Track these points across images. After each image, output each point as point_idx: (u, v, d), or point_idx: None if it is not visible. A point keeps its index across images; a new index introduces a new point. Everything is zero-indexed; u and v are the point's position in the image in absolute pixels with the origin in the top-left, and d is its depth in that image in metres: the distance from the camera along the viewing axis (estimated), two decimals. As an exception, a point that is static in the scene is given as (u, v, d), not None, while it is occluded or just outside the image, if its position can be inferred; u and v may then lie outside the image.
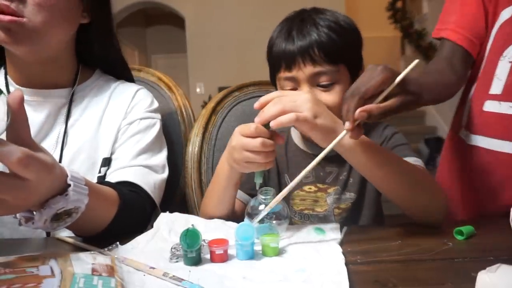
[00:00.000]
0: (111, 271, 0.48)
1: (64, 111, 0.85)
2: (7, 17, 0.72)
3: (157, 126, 0.91)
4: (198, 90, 5.65)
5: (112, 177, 0.80)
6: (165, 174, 0.88)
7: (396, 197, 0.69)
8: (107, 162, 0.84)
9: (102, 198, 0.66)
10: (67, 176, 0.55)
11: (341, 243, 0.62)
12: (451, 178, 0.96)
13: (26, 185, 0.48)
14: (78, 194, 0.56)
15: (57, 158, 0.80)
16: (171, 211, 0.75)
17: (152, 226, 0.70)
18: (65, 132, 0.83)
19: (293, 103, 0.62)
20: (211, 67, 5.50)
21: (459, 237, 0.64)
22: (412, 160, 0.78)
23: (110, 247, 0.58)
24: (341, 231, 0.67)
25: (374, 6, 6.04)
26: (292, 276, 0.51)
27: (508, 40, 0.81)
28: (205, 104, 1.28)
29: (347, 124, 0.58)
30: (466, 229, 0.63)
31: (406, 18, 5.49)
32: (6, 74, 0.85)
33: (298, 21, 0.81)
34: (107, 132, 0.86)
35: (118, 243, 0.59)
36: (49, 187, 0.53)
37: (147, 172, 0.83)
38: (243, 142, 0.65)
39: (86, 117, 0.86)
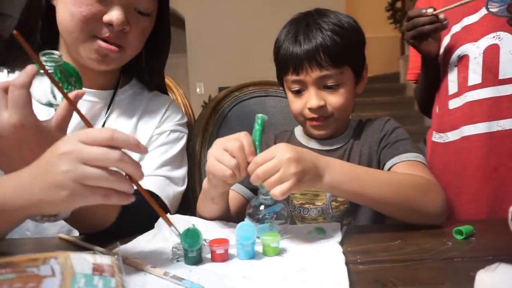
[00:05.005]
0: (111, 270, 0.48)
1: (102, 112, 0.88)
2: (116, 48, 0.80)
3: (184, 140, 0.95)
4: (198, 90, 5.65)
5: None
6: (184, 187, 0.90)
7: (392, 213, 0.71)
8: None
9: (108, 205, 0.67)
10: None
11: (341, 243, 0.62)
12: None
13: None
14: None
15: None
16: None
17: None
18: None
19: (277, 176, 0.60)
20: (211, 67, 5.49)
21: (458, 237, 0.64)
22: (413, 156, 0.79)
23: (111, 247, 0.58)
24: (341, 230, 0.67)
25: (374, 6, 6.04)
26: (292, 276, 0.51)
27: (451, 52, 0.98)
28: (205, 104, 1.28)
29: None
30: (465, 228, 0.64)
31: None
32: None
33: (304, 24, 0.82)
34: (141, 139, 0.88)
35: (118, 242, 0.59)
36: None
37: (168, 183, 0.85)
38: (217, 150, 0.65)
39: (122, 121, 0.89)
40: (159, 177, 0.85)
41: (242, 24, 5.41)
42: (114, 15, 0.77)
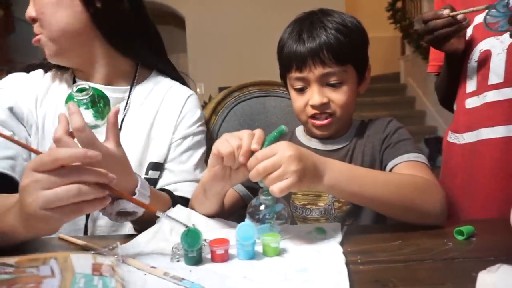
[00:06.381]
0: (111, 271, 0.48)
1: (121, 107, 0.88)
2: (35, 36, 0.84)
3: (204, 137, 0.97)
4: (198, 90, 5.65)
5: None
6: None
7: (392, 214, 0.71)
8: (155, 167, 0.88)
9: (161, 203, 0.76)
10: (137, 186, 0.67)
11: (342, 243, 0.62)
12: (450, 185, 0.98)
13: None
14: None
15: None
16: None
17: None
18: (120, 128, 0.87)
19: (277, 173, 0.60)
20: (211, 67, 5.50)
21: (459, 237, 0.64)
22: (414, 156, 0.79)
23: (111, 247, 0.58)
24: (341, 231, 0.67)
25: (374, 6, 6.04)
26: (292, 276, 0.51)
27: (472, 46, 0.92)
28: (205, 104, 1.29)
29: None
30: (466, 229, 0.63)
31: (406, 18, 5.49)
32: (73, 71, 0.93)
33: (308, 23, 0.83)
34: (158, 138, 0.90)
35: (118, 242, 0.59)
36: (122, 187, 0.63)
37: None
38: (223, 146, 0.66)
39: (139, 118, 0.90)
40: (192, 183, 0.88)
41: (242, 24, 5.41)
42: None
